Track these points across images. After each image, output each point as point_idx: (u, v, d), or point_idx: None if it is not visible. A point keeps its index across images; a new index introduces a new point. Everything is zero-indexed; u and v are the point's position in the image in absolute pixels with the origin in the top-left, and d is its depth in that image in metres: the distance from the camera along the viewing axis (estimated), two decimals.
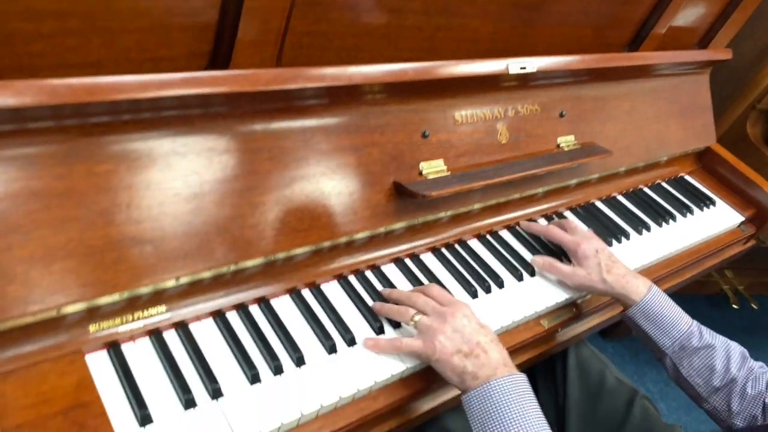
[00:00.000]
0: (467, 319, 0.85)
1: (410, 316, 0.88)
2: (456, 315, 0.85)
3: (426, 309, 0.88)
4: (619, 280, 1.01)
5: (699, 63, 1.55)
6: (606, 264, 1.02)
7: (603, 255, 1.04)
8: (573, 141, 1.26)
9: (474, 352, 0.81)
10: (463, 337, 0.83)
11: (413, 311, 0.88)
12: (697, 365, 0.98)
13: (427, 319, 0.86)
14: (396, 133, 1.00)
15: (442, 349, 0.82)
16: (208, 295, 0.85)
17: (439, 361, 0.83)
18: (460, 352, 0.82)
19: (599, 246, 1.06)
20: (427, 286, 0.95)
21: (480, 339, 0.83)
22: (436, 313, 0.86)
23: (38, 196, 0.69)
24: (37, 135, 0.69)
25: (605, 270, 1.02)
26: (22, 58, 0.68)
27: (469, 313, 0.87)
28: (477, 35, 1.07)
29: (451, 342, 0.82)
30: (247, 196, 0.84)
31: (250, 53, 0.81)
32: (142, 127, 0.76)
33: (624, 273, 1.02)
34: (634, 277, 1.02)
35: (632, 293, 1.00)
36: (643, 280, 1.02)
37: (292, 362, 0.83)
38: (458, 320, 0.84)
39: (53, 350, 0.73)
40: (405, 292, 0.93)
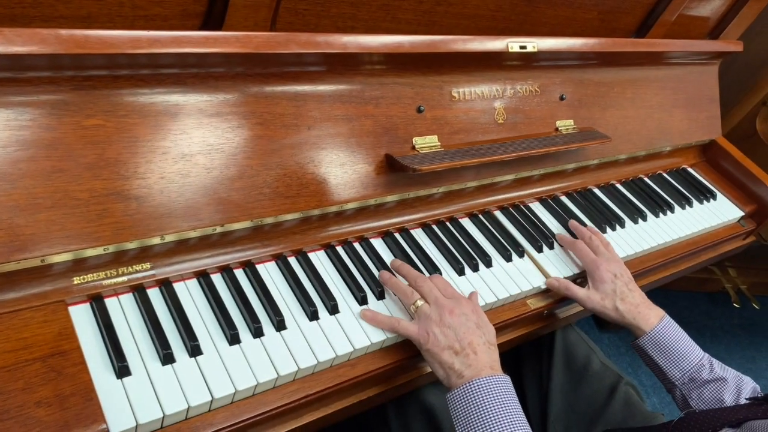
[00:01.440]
0: (465, 317, 0.86)
1: (413, 300, 0.89)
2: (455, 311, 0.86)
3: (429, 297, 0.89)
4: (632, 310, 1.01)
5: (709, 54, 1.53)
6: (621, 291, 1.02)
7: (620, 281, 1.03)
8: (572, 125, 1.25)
9: (465, 351, 0.83)
10: (457, 335, 0.84)
11: (417, 296, 0.89)
12: (707, 398, 0.97)
13: (427, 308, 0.87)
14: (390, 106, 1.00)
15: (435, 341, 0.83)
16: (194, 255, 0.86)
17: (429, 351, 0.84)
18: (451, 348, 0.83)
19: (619, 271, 1.05)
20: (434, 275, 0.95)
21: (473, 339, 0.84)
22: (438, 305, 0.87)
23: (26, 145, 0.70)
24: (27, 84, 0.70)
25: (619, 298, 1.01)
26: (14, 8, 0.68)
27: (469, 311, 0.87)
28: (478, 12, 1.06)
29: (445, 337, 0.84)
30: (235, 159, 0.85)
31: (243, 15, 0.82)
32: (132, 83, 0.76)
33: (638, 303, 1.01)
34: (648, 307, 1.02)
35: (643, 323, 1.00)
36: (656, 311, 1.02)
37: (273, 326, 0.84)
38: (456, 317, 0.85)
39: (37, 299, 0.74)
40: (413, 272, 0.94)
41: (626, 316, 1.00)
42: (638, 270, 1.23)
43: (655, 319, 1.00)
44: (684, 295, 2.57)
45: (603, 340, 2.26)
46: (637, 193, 1.40)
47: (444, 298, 0.88)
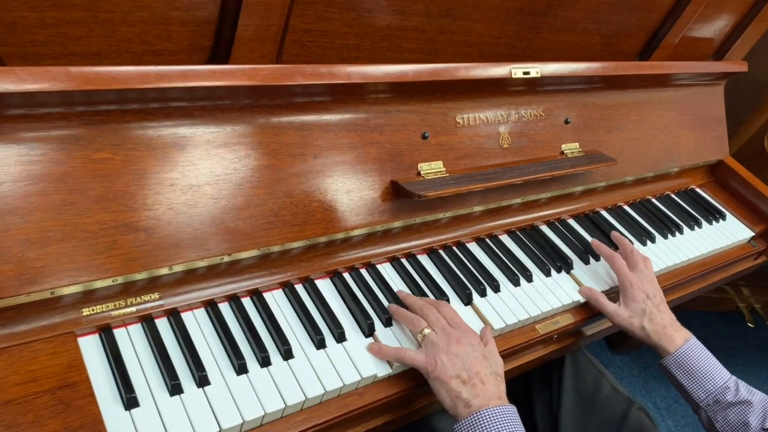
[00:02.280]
0: (472, 348, 0.86)
1: (420, 329, 0.89)
2: (462, 341, 0.86)
3: (436, 325, 0.89)
4: (658, 330, 1.02)
5: (714, 74, 1.54)
6: (650, 312, 1.03)
7: (651, 302, 1.04)
8: (577, 148, 1.26)
9: (472, 380, 0.82)
10: (465, 364, 0.84)
11: (424, 324, 0.89)
12: (732, 421, 0.97)
13: (434, 336, 0.87)
14: (395, 134, 1.01)
15: (443, 368, 0.83)
16: (202, 285, 0.87)
17: (437, 379, 0.84)
18: (459, 377, 0.83)
19: (652, 291, 1.06)
20: (440, 303, 0.95)
21: (480, 369, 0.84)
22: (445, 333, 0.87)
23: (36, 179, 0.71)
24: (38, 120, 0.72)
25: (648, 318, 1.02)
26: (26, 46, 0.70)
27: (476, 342, 0.87)
28: (481, 39, 1.08)
29: (452, 365, 0.84)
30: (242, 188, 0.86)
31: (249, 49, 0.83)
32: (141, 117, 0.78)
33: (665, 324, 1.02)
34: (674, 329, 1.02)
35: (668, 344, 1.01)
36: (682, 333, 1.02)
37: (280, 355, 0.84)
38: (464, 346, 0.85)
39: (46, 331, 0.75)
40: (419, 301, 0.94)
41: (652, 336, 1.01)
42: None
43: (680, 341, 1.01)
44: (697, 315, 2.54)
45: (615, 362, 2.24)
46: (645, 215, 1.40)
47: (450, 328, 0.88)
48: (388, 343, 0.90)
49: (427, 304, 0.93)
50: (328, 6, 0.87)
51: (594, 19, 1.21)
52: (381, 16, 0.93)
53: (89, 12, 0.71)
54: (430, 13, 0.97)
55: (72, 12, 0.70)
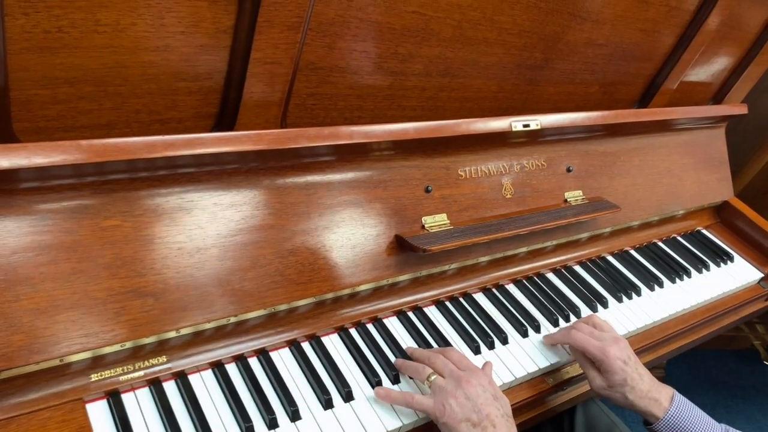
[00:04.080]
0: (482, 389, 0.85)
1: (426, 375, 0.88)
2: (471, 382, 0.85)
3: (443, 371, 0.88)
4: (642, 398, 0.96)
5: (713, 118, 1.55)
6: (631, 380, 0.96)
7: (629, 367, 0.97)
8: (581, 196, 1.27)
9: (482, 423, 0.81)
10: (474, 406, 0.82)
11: (430, 371, 0.89)
12: None
13: (442, 381, 0.86)
14: (399, 188, 1.02)
15: (452, 413, 0.82)
16: (209, 346, 0.87)
17: (446, 424, 0.82)
18: (468, 420, 0.81)
19: (626, 353, 0.98)
20: (447, 348, 0.95)
21: (491, 411, 0.82)
22: (453, 377, 0.86)
23: (47, 249, 0.73)
24: (49, 192, 0.74)
25: (629, 387, 0.96)
26: (38, 121, 0.73)
27: (486, 383, 0.86)
28: (480, 94, 1.10)
29: (461, 408, 0.82)
30: (248, 249, 0.87)
31: (255, 114, 0.85)
32: (149, 184, 0.80)
33: (648, 389, 0.96)
34: (658, 391, 0.97)
35: (655, 409, 0.96)
36: (665, 393, 0.97)
37: (287, 416, 0.84)
38: (473, 388, 0.84)
39: (55, 398, 0.76)
40: (426, 352, 0.94)
41: (636, 404, 0.96)
42: (657, 339, 1.21)
43: (666, 402, 0.96)
44: (711, 353, 2.51)
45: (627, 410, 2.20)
46: (652, 259, 1.40)
47: (459, 370, 0.88)
48: None
49: (434, 353, 0.93)
50: (331, 71, 0.89)
51: (591, 70, 1.23)
52: (382, 78, 0.95)
53: (99, 87, 0.73)
54: (430, 72, 0.99)
55: (83, 87, 0.72)
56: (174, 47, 0.75)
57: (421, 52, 0.96)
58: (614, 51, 1.23)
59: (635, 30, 1.21)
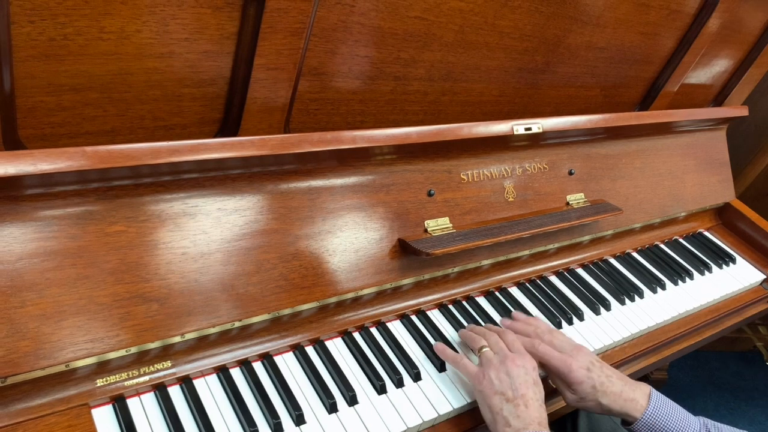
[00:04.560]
0: (524, 371, 0.88)
1: (479, 346, 0.94)
2: (516, 362, 0.88)
3: (495, 347, 0.93)
4: (617, 400, 0.92)
5: (715, 120, 1.56)
6: (600, 383, 0.92)
7: (595, 373, 0.93)
8: (583, 199, 1.27)
9: (516, 401, 0.84)
10: (513, 384, 0.85)
11: (484, 343, 0.94)
12: None
13: (490, 354, 0.91)
14: (401, 192, 1.03)
15: (489, 384, 0.87)
16: (213, 351, 0.88)
17: (481, 392, 0.87)
18: (503, 394, 0.85)
19: (588, 360, 0.94)
20: (504, 330, 0.99)
21: (527, 392, 0.85)
22: (501, 354, 0.91)
23: (52, 255, 0.73)
24: (55, 198, 0.74)
25: (601, 392, 0.92)
26: (44, 128, 0.73)
27: (530, 368, 0.89)
28: (482, 98, 1.10)
29: (500, 382, 0.86)
30: (252, 254, 0.87)
31: (258, 119, 0.86)
32: (153, 190, 0.80)
33: (620, 389, 0.92)
34: (632, 389, 0.93)
35: (632, 409, 0.92)
36: (641, 390, 0.93)
37: (292, 421, 0.84)
38: (516, 368, 0.88)
39: (61, 403, 0.76)
40: (482, 328, 1.01)
41: (613, 408, 0.92)
42: (660, 341, 1.21)
43: (643, 400, 0.92)
44: (714, 355, 2.51)
45: None
46: (654, 261, 1.40)
47: (508, 350, 0.92)
48: (400, 405, 0.90)
49: (491, 330, 0.98)
50: (333, 76, 0.90)
51: (593, 74, 1.24)
52: (384, 83, 0.96)
53: (104, 93, 0.74)
54: (432, 77, 1.00)
55: (88, 94, 0.73)
56: (178, 54, 0.75)
57: (423, 56, 0.96)
58: (615, 54, 1.23)
59: (636, 33, 1.22)
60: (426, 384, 0.95)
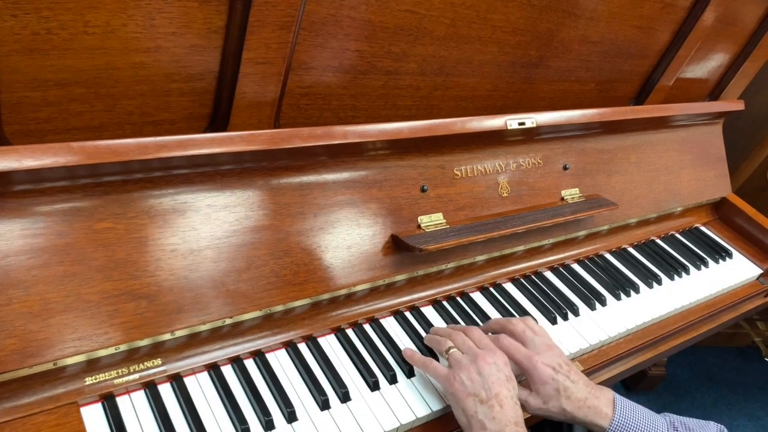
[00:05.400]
0: (496, 368, 0.85)
1: (446, 348, 0.91)
2: (487, 359, 0.86)
3: (462, 346, 0.90)
4: (581, 407, 0.88)
5: (711, 114, 1.55)
6: (565, 388, 0.88)
7: (561, 375, 0.89)
8: (578, 194, 1.26)
9: (490, 401, 0.82)
10: (485, 384, 0.83)
11: (450, 344, 0.91)
12: None
13: (459, 354, 0.89)
14: (394, 188, 1.02)
15: (461, 385, 0.84)
16: (204, 348, 0.87)
17: (453, 395, 0.85)
18: (476, 396, 0.82)
19: (556, 361, 0.91)
20: (469, 327, 0.97)
21: (501, 391, 0.83)
22: (470, 353, 0.88)
23: (39, 252, 0.73)
24: (41, 194, 0.73)
25: (564, 397, 0.88)
26: (29, 124, 0.72)
27: (501, 363, 0.87)
28: (475, 93, 1.10)
29: (472, 383, 0.84)
30: (243, 250, 0.86)
31: (247, 115, 0.85)
32: (142, 186, 0.79)
33: (585, 396, 0.88)
34: (596, 396, 0.89)
35: (598, 418, 0.88)
36: (604, 397, 0.89)
37: (284, 418, 0.83)
38: (487, 366, 0.85)
39: (49, 402, 0.75)
40: (446, 329, 0.97)
41: (577, 415, 0.88)
42: (656, 337, 1.21)
43: (608, 408, 0.88)
44: (712, 350, 2.50)
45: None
46: (650, 256, 1.39)
47: (477, 348, 0.89)
48: (393, 402, 0.89)
49: (455, 329, 0.95)
50: (324, 70, 0.89)
51: (587, 68, 1.23)
52: (376, 77, 0.95)
53: (90, 89, 0.73)
54: (424, 71, 0.99)
55: (74, 89, 0.72)
56: (165, 48, 0.74)
57: (414, 50, 0.95)
58: (609, 48, 1.23)
59: (630, 27, 1.21)
60: (419, 380, 0.94)
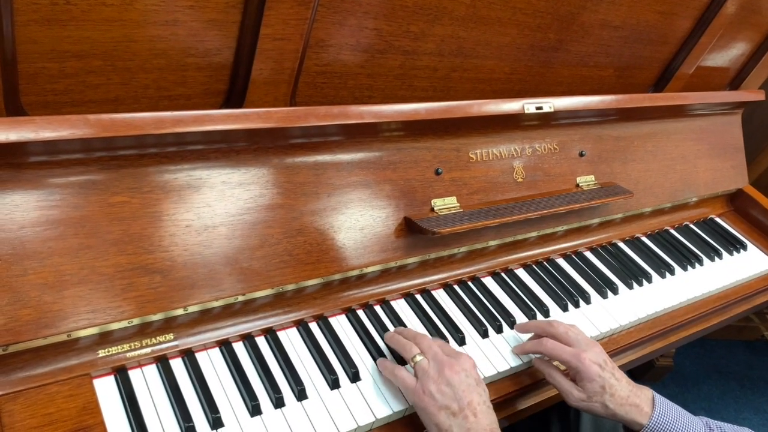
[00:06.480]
0: (465, 374, 0.82)
1: (412, 355, 0.86)
2: (455, 368, 0.82)
3: (428, 353, 0.86)
4: (624, 405, 0.89)
5: (730, 104, 1.53)
6: (610, 385, 0.89)
7: (607, 372, 0.90)
8: (593, 181, 1.25)
9: (464, 412, 0.79)
10: (456, 394, 0.80)
11: (417, 350, 0.87)
12: None
13: (426, 363, 0.84)
14: (408, 170, 1.01)
15: (431, 399, 0.80)
16: (216, 325, 0.87)
17: (424, 410, 0.81)
18: (448, 408, 0.79)
19: (602, 358, 0.92)
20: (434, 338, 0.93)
21: (473, 398, 0.80)
22: (437, 361, 0.84)
23: (55, 224, 0.73)
24: (57, 166, 0.73)
25: (609, 394, 0.89)
26: (46, 95, 0.72)
27: (469, 368, 0.84)
28: (493, 75, 1.08)
29: (442, 396, 0.80)
30: (256, 228, 0.86)
31: (264, 91, 0.84)
32: (157, 161, 0.79)
33: (627, 394, 0.90)
34: (637, 395, 0.90)
35: (638, 416, 0.89)
36: (644, 395, 0.91)
37: (294, 395, 0.84)
38: (456, 375, 0.82)
39: (63, 373, 0.76)
40: (412, 331, 0.93)
41: (618, 412, 0.89)
42: (667, 327, 1.20)
43: (647, 406, 0.90)
44: (721, 343, 2.49)
45: None
46: (663, 246, 1.38)
47: (443, 355, 0.85)
48: None
49: (421, 334, 0.91)
50: (341, 48, 0.88)
51: (607, 53, 1.21)
52: (393, 57, 0.94)
53: (108, 61, 0.73)
54: (442, 52, 0.98)
55: (91, 62, 0.72)
56: (183, 22, 0.74)
57: (433, 30, 0.94)
58: (630, 33, 1.21)
59: (652, 12, 1.19)
60: None
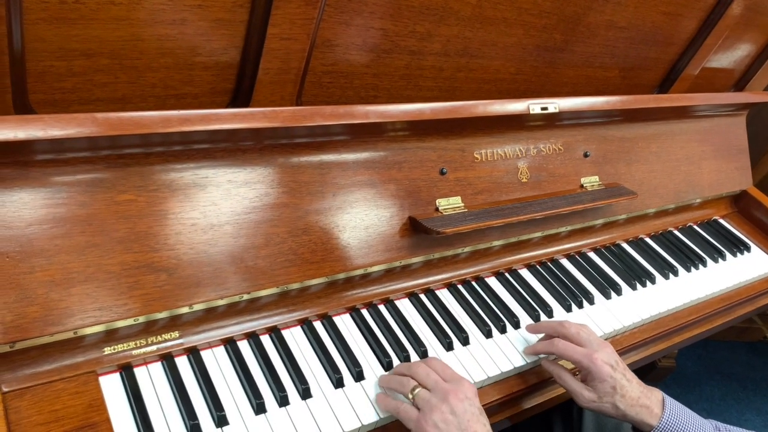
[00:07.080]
0: (468, 402, 0.80)
1: (410, 388, 0.83)
2: (458, 395, 0.80)
3: (427, 382, 0.83)
4: (634, 406, 0.89)
5: (735, 105, 1.52)
6: (621, 386, 0.90)
7: (618, 373, 0.91)
8: (597, 181, 1.25)
9: None
10: (460, 425, 0.78)
11: (414, 383, 0.83)
12: None
13: (426, 394, 0.81)
14: (413, 170, 1.01)
15: (435, 430, 0.78)
16: (221, 323, 0.87)
17: None
18: None
19: (613, 358, 0.92)
20: (429, 358, 0.90)
21: (477, 428, 0.78)
22: (438, 389, 0.81)
23: (62, 222, 0.73)
24: (65, 164, 0.73)
25: (619, 395, 0.89)
26: (54, 93, 0.73)
27: (471, 395, 0.82)
28: (498, 75, 1.08)
29: (446, 425, 0.78)
30: (262, 227, 0.87)
31: (270, 91, 0.85)
32: (164, 159, 0.80)
33: (638, 395, 0.90)
34: (647, 396, 0.91)
35: (648, 417, 0.89)
36: (654, 397, 0.91)
37: (298, 394, 0.84)
38: (460, 402, 0.79)
39: (69, 370, 0.76)
40: (406, 364, 0.89)
41: (628, 413, 0.89)
42: (670, 328, 1.20)
43: (658, 408, 0.90)
44: (723, 345, 2.49)
45: None
46: (667, 247, 1.38)
47: (444, 382, 0.82)
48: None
49: (415, 363, 0.88)
50: (347, 48, 0.88)
51: (612, 54, 1.21)
52: (399, 57, 0.94)
53: (115, 60, 0.73)
54: (448, 52, 0.98)
55: (99, 60, 0.72)
56: (190, 21, 0.74)
57: (439, 31, 0.94)
58: (635, 34, 1.21)
59: (658, 13, 1.19)
60: None
